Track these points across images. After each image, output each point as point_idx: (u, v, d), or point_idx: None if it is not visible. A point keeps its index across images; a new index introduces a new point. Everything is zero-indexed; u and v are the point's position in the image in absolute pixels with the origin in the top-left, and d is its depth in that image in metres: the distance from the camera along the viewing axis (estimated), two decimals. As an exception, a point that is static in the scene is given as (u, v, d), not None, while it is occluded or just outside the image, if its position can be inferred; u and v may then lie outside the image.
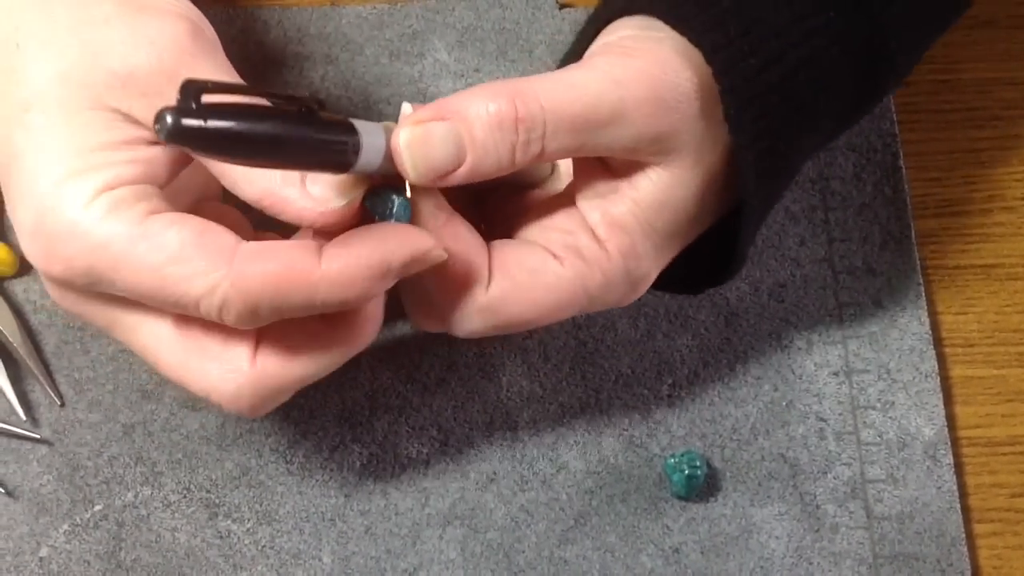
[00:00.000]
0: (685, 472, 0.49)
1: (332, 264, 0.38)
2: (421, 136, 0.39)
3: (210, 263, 0.38)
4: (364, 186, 0.40)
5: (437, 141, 0.39)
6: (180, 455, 0.50)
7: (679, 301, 0.53)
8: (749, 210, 0.44)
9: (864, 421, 0.52)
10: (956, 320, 0.54)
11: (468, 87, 0.41)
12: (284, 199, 0.39)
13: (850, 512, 0.50)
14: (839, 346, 0.52)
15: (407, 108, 0.41)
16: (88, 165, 0.39)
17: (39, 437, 0.50)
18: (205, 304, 0.38)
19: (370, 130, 0.38)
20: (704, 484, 0.50)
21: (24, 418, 0.50)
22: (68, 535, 0.49)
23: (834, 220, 0.54)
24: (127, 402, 0.50)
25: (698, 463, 0.49)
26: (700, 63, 0.42)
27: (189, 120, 0.34)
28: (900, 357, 0.52)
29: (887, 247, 0.54)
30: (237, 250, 0.38)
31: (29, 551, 0.48)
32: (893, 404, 0.52)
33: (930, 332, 0.53)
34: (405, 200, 0.40)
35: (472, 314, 0.43)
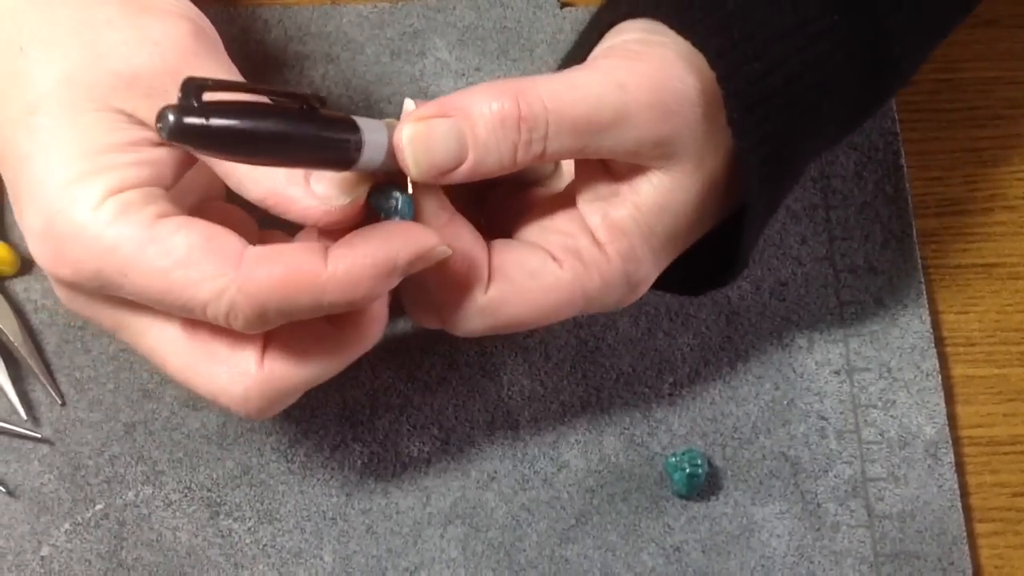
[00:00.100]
0: (686, 471, 0.49)
1: (338, 265, 0.38)
2: (424, 133, 0.39)
3: (217, 268, 0.38)
4: (367, 184, 0.40)
5: (439, 138, 0.39)
6: (181, 454, 0.50)
7: (680, 300, 0.53)
8: (752, 214, 0.44)
9: (865, 420, 0.51)
10: (957, 319, 0.54)
11: (469, 86, 0.41)
12: (288, 198, 0.39)
13: (851, 511, 0.50)
14: (840, 345, 0.52)
15: (410, 104, 0.41)
16: (95, 167, 0.39)
17: (40, 436, 0.50)
18: (212, 309, 0.38)
19: (372, 127, 0.38)
20: (705, 483, 0.50)
21: (25, 417, 0.50)
22: (69, 534, 0.49)
23: (835, 218, 0.54)
24: (128, 401, 0.50)
25: (699, 462, 0.49)
26: (704, 67, 0.42)
27: (191, 118, 0.34)
28: (901, 356, 0.52)
29: (888, 246, 0.54)
30: (244, 254, 0.38)
31: (30, 550, 0.48)
32: (894, 403, 0.52)
33: (931, 331, 0.53)
34: (408, 197, 0.40)
35: (471, 314, 0.43)
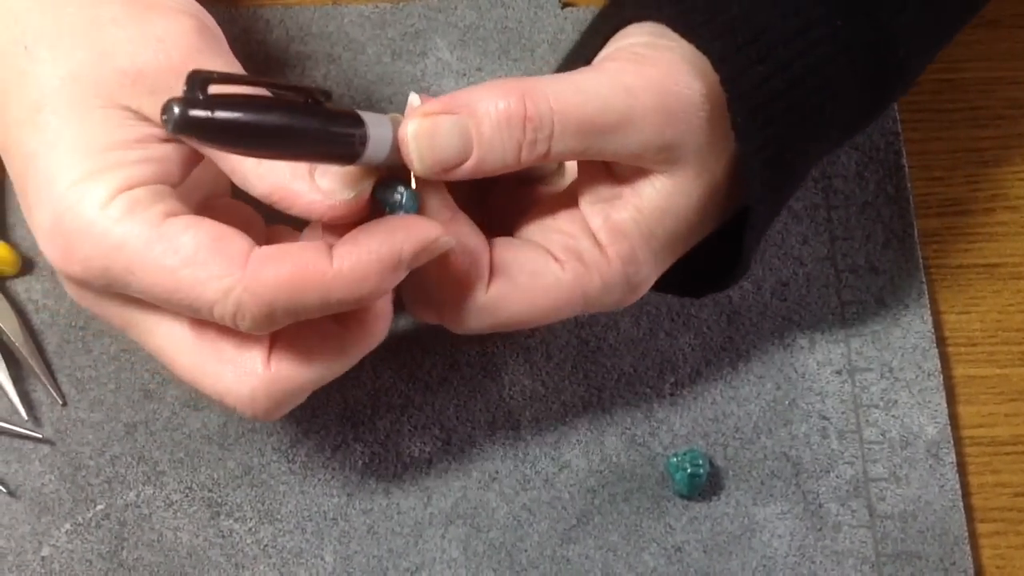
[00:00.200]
0: (687, 471, 0.49)
1: (344, 262, 0.38)
2: (429, 128, 0.39)
3: (224, 267, 0.38)
4: (372, 178, 0.40)
5: (444, 134, 0.40)
6: (182, 454, 0.50)
7: (682, 300, 0.53)
8: (754, 218, 0.44)
9: (867, 420, 0.51)
10: (959, 319, 0.54)
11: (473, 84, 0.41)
12: (294, 193, 0.39)
13: (853, 511, 0.50)
14: (842, 345, 0.52)
15: (415, 99, 0.41)
16: (103, 165, 0.39)
17: (41, 436, 0.50)
18: (219, 308, 0.38)
19: (377, 122, 0.38)
20: (706, 483, 0.50)
21: (26, 417, 0.50)
22: (70, 534, 0.49)
23: (837, 218, 0.54)
24: (129, 401, 0.50)
25: (700, 462, 0.49)
26: (709, 71, 0.42)
27: (196, 111, 0.34)
28: (903, 356, 0.52)
29: (890, 246, 0.54)
30: (251, 254, 0.38)
31: (31, 550, 0.48)
32: (896, 403, 0.52)
33: (933, 331, 0.53)
34: (413, 191, 0.40)
35: (471, 312, 0.43)
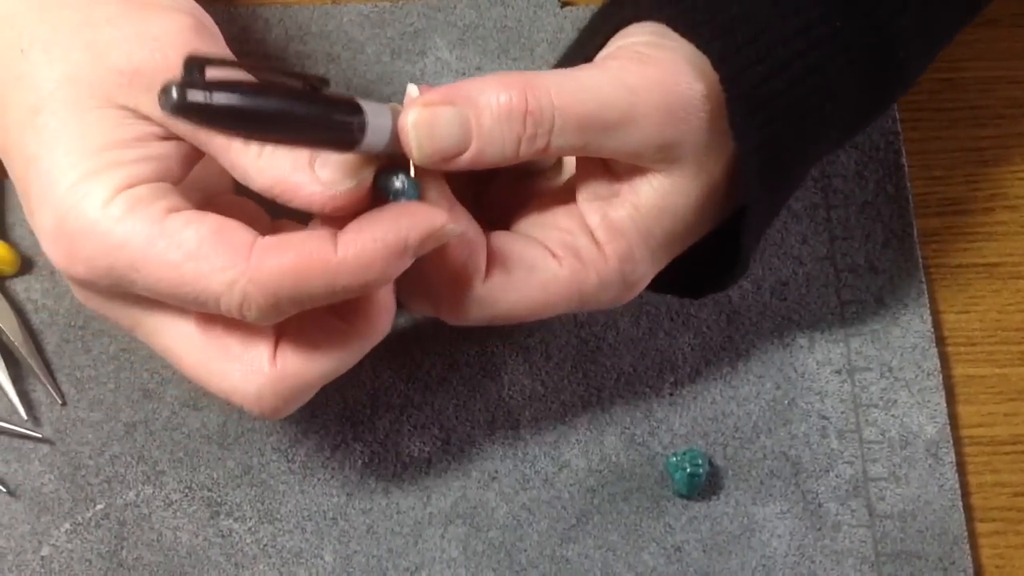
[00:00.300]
0: (687, 470, 0.49)
1: (348, 249, 0.38)
2: (428, 118, 0.39)
3: (228, 259, 0.38)
4: (372, 167, 0.40)
5: (444, 125, 0.39)
6: (182, 454, 0.50)
7: (681, 300, 0.52)
8: (752, 218, 0.44)
9: (866, 419, 0.51)
10: (958, 319, 0.54)
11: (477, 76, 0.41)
12: (295, 186, 0.39)
13: (852, 510, 0.50)
14: (841, 344, 0.52)
15: (413, 90, 0.41)
16: (103, 164, 0.39)
17: (40, 436, 0.50)
18: (225, 300, 0.38)
19: (377, 111, 0.38)
20: (706, 482, 0.50)
21: (25, 417, 0.50)
22: (70, 534, 0.49)
23: (836, 218, 0.54)
24: (128, 401, 0.50)
25: (700, 461, 0.49)
26: (709, 71, 0.42)
27: (194, 94, 0.34)
28: (902, 355, 0.52)
29: (889, 245, 0.54)
30: (255, 245, 0.38)
31: (31, 550, 0.48)
32: (895, 402, 0.52)
33: (932, 330, 0.53)
34: (414, 179, 0.40)
35: (468, 304, 0.43)
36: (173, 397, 0.50)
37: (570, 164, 0.47)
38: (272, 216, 0.45)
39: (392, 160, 0.40)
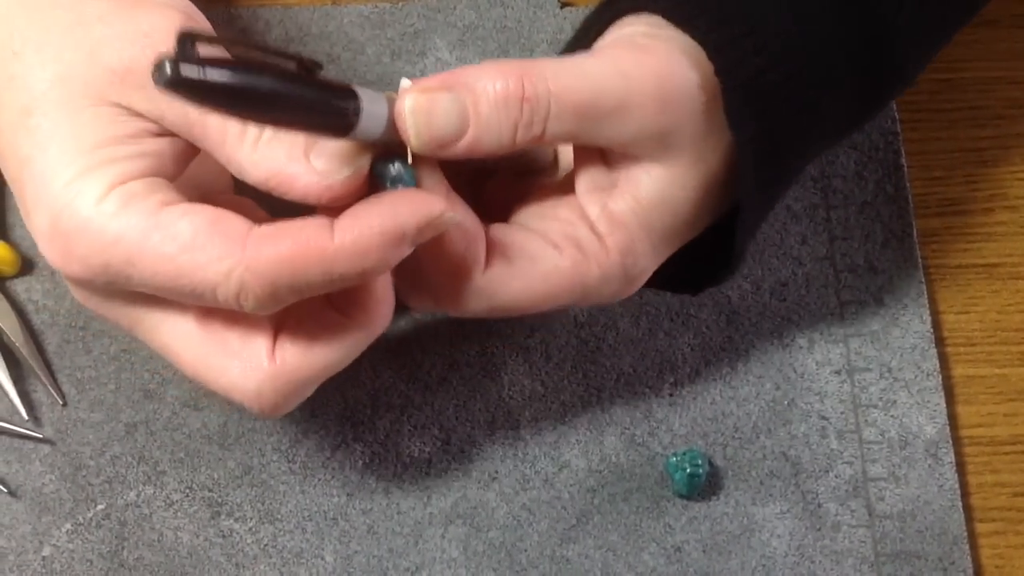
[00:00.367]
0: (687, 471, 0.49)
1: (345, 236, 0.38)
2: (426, 104, 0.39)
3: (224, 249, 0.38)
4: (368, 156, 0.39)
5: (441, 110, 0.39)
6: (182, 454, 0.50)
7: (681, 300, 0.53)
8: (747, 210, 0.44)
9: (866, 420, 0.52)
10: (958, 319, 0.54)
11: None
12: (291, 177, 0.39)
13: (852, 510, 0.50)
14: (841, 344, 0.52)
15: (406, 83, 0.40)
16: (96, 162, 0.39)
17: (41, 436, 0.50)
18: (223, 291, 0.38)
19: (372, 97, 0.38)
20: (706, 483, 0.50)
21: (26, 418, 0.50)
22: (70, 534, 0.49)
23: (836, 218, 0.54)
24: (129, 401, 0.50)
25: (700, 462, 0.49)
26: (704, 62, 0.42)
27: (188, 69, 0.33)
28: (902, 356, 0.52)
29: (889, 245, 0.54)
30: (250, 234, 0.38)
31: (32, 550, 0.48)
32: (895, 403, 0.52)
33: (932, 331, 0.53)
34: (410, 167, 0.40)
35: (468, 294, 0.42)
36: (174, 397, 0.50)
37: (567, 162, 0.47)
38: (272, 216, 0.45)
39: (388, 149, 0.40)
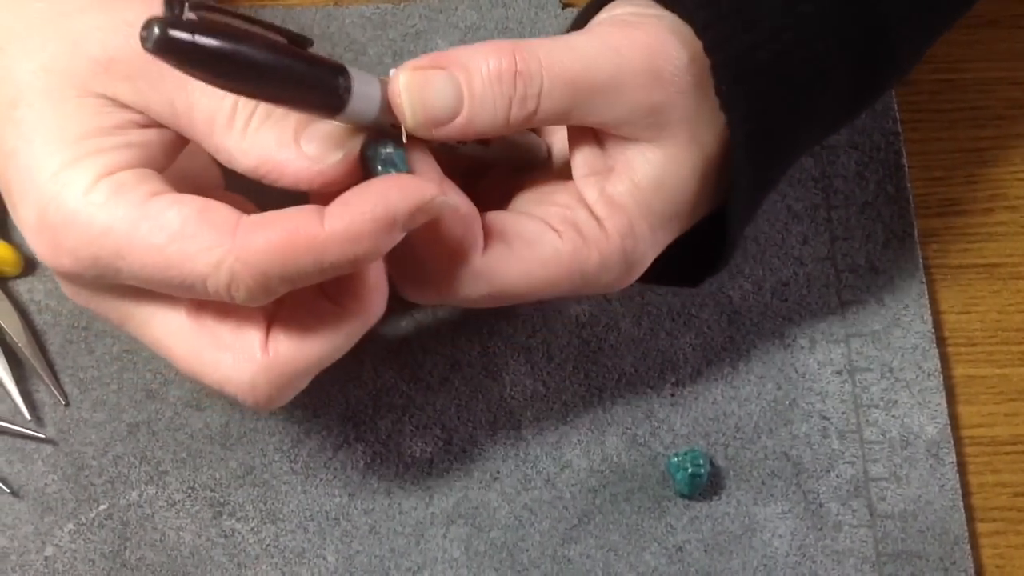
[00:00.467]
0: (688, 471, 0.49)
1: (336, 223, 0.37)
2: (420, 81, 0.39)
3: (213, 239, 0.37)
4: (359, 139, 0.39)
5: (435, 89, 0.39)
6: (184, 454, 0.50)
7: (682, 300, 0.53)
8: (738, 191, 0.44)
9: (867, 420, 0.52)
10: (959, 319, 0.54)
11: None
12: (281, 163, 0.38)
13: (853, 510, 0.50)
14: (842, 344, 0.52)
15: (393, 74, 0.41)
16: (83, 152, 0.38)
17: (44, 436, 0.50)
18: (212, 281, 0.37)
19: (364, 78, 0.38)
20: (707, 482, 0.50)
21: (29, 418, 0.50)
22: (73, 534, 0.49)
23: (837, 218, 0.54)
24: (132, 401, 0.50)
25: (701, 461, 0.49)
26: (694, 41, 0.42)
27: (177, 32, 0.33)
28: (903, 356, 0.52)
29: (890, 245, 0.54)
30: (239, 223, 0.38)
31: (34, 550, 0.48)
32: (896, 403, 0.52)
33: (933, 331, 0.53)
34: (402, 150, 0.39)
35: (466, 279, 0.42)
36: (176, 397, 0.50)
37: (561, 158, 0.47)
38: (262, 211, 0.44)
39: (381, 134, 0.40)
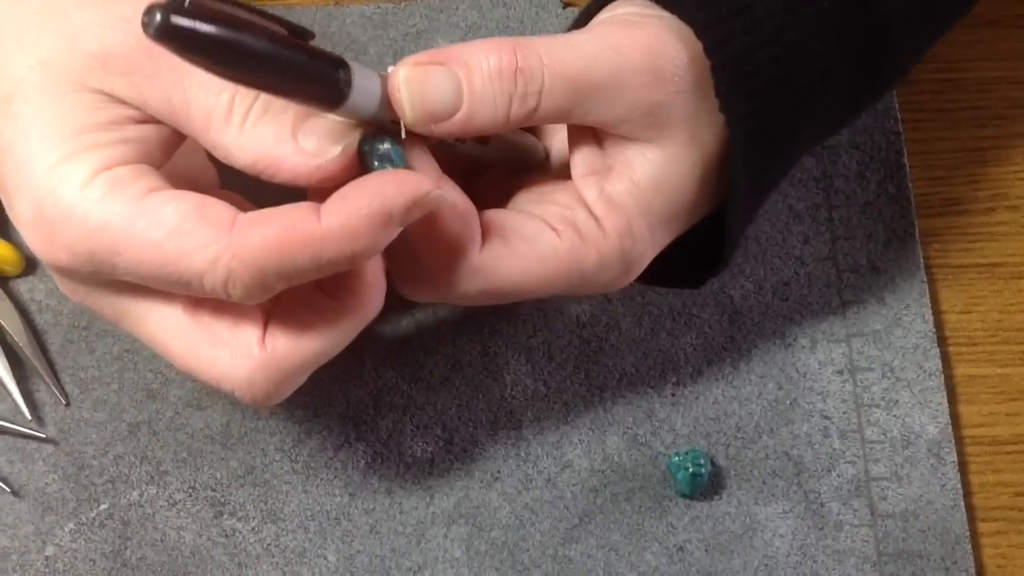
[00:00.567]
0: (689, 470, 0.49)
1: (333, 219, 0.37)
2: (420, 75, 0.39)
3: (210, 235, 0.37)
4: (357, 135, 0.39)
5: (435, 84, 0.39)
6: (185, 454, 0.50)
7: (683, 300, 0.53)
8: (737, 191, 0.44)
9: (868, 419, 0.52)
10: (960, 319, 0.54)
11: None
12: (278, 159, 0.38)
13: (854, 510, 0.50)
14: (843, 344, 0.52)
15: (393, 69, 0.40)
16: (79, 147, 0.38)
17: (44, 436, 0.50)
18: (209, 279, 0.37)
19: (363, 73, 0.38)
20: (708, 482, 0.50)
21: (29, 417, 0.50)
22: (74, 534, 0.49)
23: (838, 218, 0.54)
24: (132, 401, 0.50)
25: (702, 461, 0.49)
26: (694, 41, 0.42)
27: (179, 18, 0.33)
28: (904, 355, 0.52)
29: (891, 245, 0.54)
30: (236, 220, 0.37)
31: (35, 550, 0.48)
32: (897, 402, 0.52)
33: (934, 330, 0.53)
34: (399, 146, 0.39)
35: (464, 276, 0.42)
36: (176, 397, 0.50)
37: (559, 159, 0.47)
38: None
39: (379, 130, 0.39)
